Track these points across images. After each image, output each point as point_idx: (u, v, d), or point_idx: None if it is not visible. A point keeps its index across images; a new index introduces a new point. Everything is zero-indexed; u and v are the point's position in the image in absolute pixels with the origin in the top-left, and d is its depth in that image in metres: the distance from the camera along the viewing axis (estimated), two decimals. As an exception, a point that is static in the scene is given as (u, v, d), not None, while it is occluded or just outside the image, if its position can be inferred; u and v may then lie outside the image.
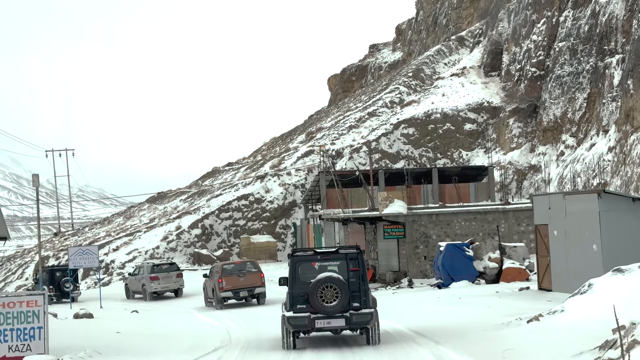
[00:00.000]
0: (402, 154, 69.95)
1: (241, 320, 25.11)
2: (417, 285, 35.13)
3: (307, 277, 16.01)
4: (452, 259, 31.17)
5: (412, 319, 20.96)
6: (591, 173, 53.13)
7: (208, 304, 32.31)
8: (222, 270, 30.79)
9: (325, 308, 15.57)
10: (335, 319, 15.68)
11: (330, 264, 16.27)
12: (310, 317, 15.68)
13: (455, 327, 17.88)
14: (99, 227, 77.91)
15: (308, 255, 16.36)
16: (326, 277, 15.65)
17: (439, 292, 29.18)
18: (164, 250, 59.54)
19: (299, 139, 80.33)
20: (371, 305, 16.05)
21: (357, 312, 15.75)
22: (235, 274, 30.74)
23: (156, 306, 35.73)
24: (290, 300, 15.95)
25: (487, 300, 24.44)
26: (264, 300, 31.19)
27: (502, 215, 36.91)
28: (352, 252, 16.29)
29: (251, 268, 31.46)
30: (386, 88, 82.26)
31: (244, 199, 64.56)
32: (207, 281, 32.55)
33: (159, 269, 39.55)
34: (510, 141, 65.23)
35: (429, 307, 23.73)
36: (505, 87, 71.86)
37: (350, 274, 15.97)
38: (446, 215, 36.60)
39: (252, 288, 30.69)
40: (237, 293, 30.55)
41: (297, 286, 16.01)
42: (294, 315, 15.79)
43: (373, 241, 39.90)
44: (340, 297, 15.54)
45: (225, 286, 30.22)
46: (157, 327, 23.48)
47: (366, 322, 15.79)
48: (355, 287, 15.94)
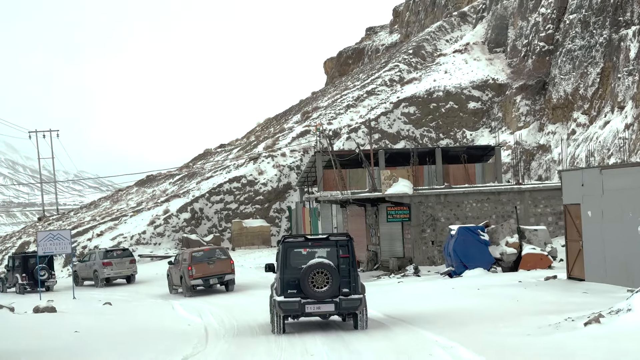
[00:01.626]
0: (403, 134, 66.39)
1: (224, 315, 21.77)
2: (424, 273, 31.72)
3: (298, 263, 16.31)
4: (465, 244, 27.72)
5: (429, 317, 17.48)
6: (606, 152, 49.67)
7: (173, 292, 31.94)
8: (192, 257, 30.08)
9: (316, 293, 15.92)
10: (325, 304, 16.05)
11: (320, 250, 16.56)
12: (301, 302, 16.02)
13: (489, 330, 14.39)
14: (85, 212, 74.33)
15: (299, 242, 16.68)
16: (317, 263, 15.97)
17: (452, 281, 25.74)
18: (151, 235, 56.03)
19: (294, 119, 76.63)
20: (360, 291, 16.35)
21: (346, 298, 16.09)
22: (205, 261, 30.30)
23: (133, 296, 32.43)
24: (282, 285, 16.23)
25: (511, 291, 21.02)
26: (232, 287, 30.81)
27: (517, 196, 33.45)
28: (342, 239, 16.57)
29: (220, 255, 31.07)
30: (385, 66, 78.49)
31: (236, 181, 60.98)
32: (172, 268, 31.95)
33: (112, 254, 39.46)
34: (518, 120, 61.69)
35: (446, 301, 20.25)
36: (511, 63, 68.20)
37: (340, 261, 16.27)
38: (456, 196, 33.12)
39: (222, 275, 30.38)
40: (207, 280, 30.12)
41: (288, 272, 16.30)
42: (285, 299, 16.08)
43: (374, 225, 36.45)
44: (331, 283, 15.91)
45: (195, 274, 29.70)
46: (125, 324, 20.02)
47: (355, 307, 16.12)
48: (345, 273, 16.27)
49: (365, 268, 36.57)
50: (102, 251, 40.13)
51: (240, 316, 21.34)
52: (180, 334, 17.57)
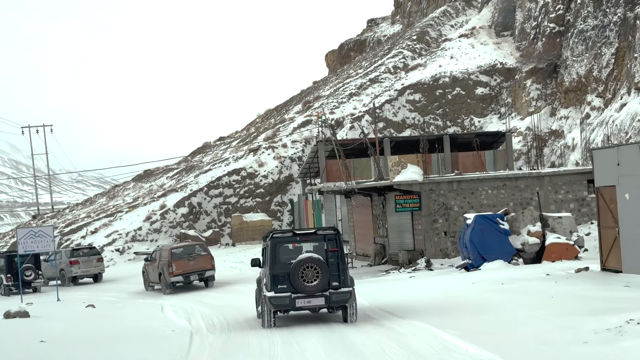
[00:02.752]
0: (408, 122, 63.81)
1: (214, 315, 19.34)
2: (437, 266, 29.21)
3: (287, 258, 16.37)
4: (482, 233, 25.18)
5: (453, 319, 14.97)
6: (624, 136, 47.05)
7: (149, 288, 31.67)
8: (172, 254, 29.49)
9: (306, 288, 15.98)
10: (315, 297, 16.09)
11: (309, 245, 16.61)
12: (291, 297, 16.06)
13: (536, 336, 11.81)
14: (81, 209, 71.90)
15: (287, 237, 16.67)
16: (307, 258, 16.03)
17: (470, 275, 23.21)
18: (147, 231, 53.56)
19: (295, 109, 74.06)
20: (349, 285, 16.36)
21: (336, 291, 16.15)
22: (185, 257, 29.74)
23: (122, 296, 30.03)
24: (271, 281, 16.20)
25: (541, 286, 18.52)
26: (212, 283, 30.38)
27: (536, 182, 30.90)
28: (330, 233, 16.63)
29: (201, 251, 30.52)
30: (389, 53, 75.83)
31: (235, 174, 58.45)
32: (149, 265, 31.53)
33: (79, 253, 38.97)
34: (528, 105, 59.08)
35: (468, 298, 17.73)
36: (519, 46, 65.56)
37: (329, 254, 16.35)
38: (470, 183, 30.58)
39: (202, 271, 29.91)
40: (187, 277, 29.66)
41: (278, 267, 16.27)
42: (276, 295, 16.10)
43: (382, 216, 33.95)
44: (321, 277, 15.97)
45: (175, 270, 29.17)
46: (101, 330, 17.54)
47: (345, 300, 16.19)
48: (334, 267, 16.31)
49: (372, 262, 34.09)
50: (68, 250, 39.72)
51: (233, 318, 18.92)
52: (162, 340, 15.11)
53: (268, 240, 16.65)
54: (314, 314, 17.59)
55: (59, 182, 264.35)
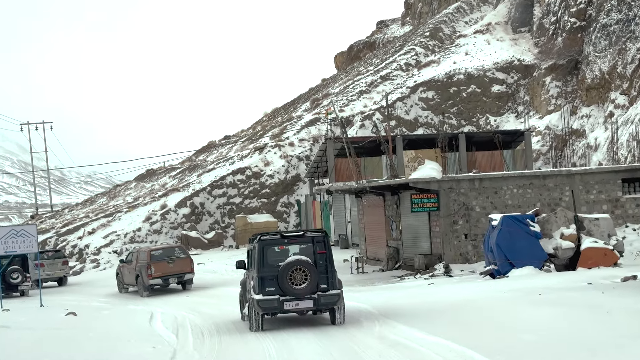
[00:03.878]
0: (421, 121, 61.13)
1: (206, 327, 16.75)
2: (457, 272, 26.57)
3: (275, 261, 16.17)
4: (511, 236, 22.53)
5: (498, 343, 12.28)
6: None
7: (123, 291, 31.45)
8: (151, 256, 29.09)
9: (294, 290, 15.83)
10: (304, 300, 15.92)
11: (297, 247, 16.42)
12: (280, 300, 15.87)
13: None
14: (80, 209, 69.39)
15: (275, 239, 16.46)
16: (296, 260, 15.89)
17: (497, 283, 20.54)
18: (147, 232, 50.98)
19: (303, 107, 71.43)
20: (338, 287, 16.26)
21: (324, 294, 16.01)
22: (165, 260, 29.32)
23: (114, 302, 27.50)
24: (259, 283, 16.01)
25: (586, 298, 15.85)
26: (190, 286, 30.00)
27: (565, 181, 28.21)
28: (319, 235, 16.49)
29: (180, 254, 30.18)
30: (400, 49, 73.14)
31: (239, 173, 55.84)
32: (124, 267, 31.15)
33: (43, 256, 37.95)
34: (547, 103, 56.32)
35: (506, 312, 15.02)
36: (538, 43, 62.81)
37: (317, 257, 16.22)
38: (493, 181, 27.91)
39: (181, 274, 29.52)
40: (166, 280, 29.20)
41: (266, 269, 16.10)
42: (264, 298, 15.90)
43: (395, 216, 31.29)
44: (310, 280, 15.84)
45: (154, 273, 28.72)
46: (70, 346, 14.95)
47: (333, 302, 16.05)
48: (323, 269, 16.18)
49: (384, 267, 31.44)
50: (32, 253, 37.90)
51: (226, 329, 16.35)
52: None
53: (255, 242, 16.41)
54: (301, 316, 17.33)
55: (67, 184, 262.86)
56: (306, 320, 17.22)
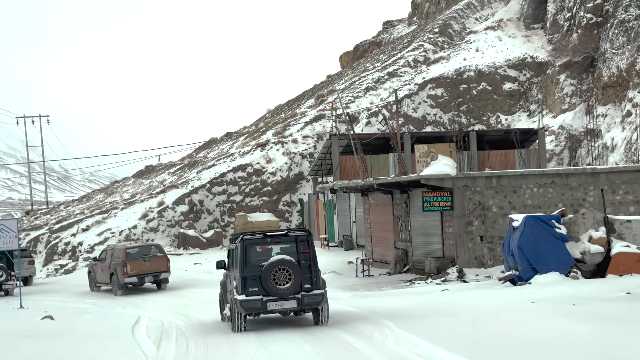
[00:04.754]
0: (429, 119, 59.02)
1: (192, 337, 14.71)
2: (471, 277, 24.45)
3: (258, 260, 15.90)
4: (534, 239, 20.39)
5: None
6: (673, 135, 42.22)
7: (95, 289, 31.25)
8: (126, 254, 28.94)
9: (278, 290, 15.57)
10: (287, 300, 15.68)
11: (280, 247, 16.21)
12: (263, 300, 15.60)
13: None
14: (76, 205, 67.34)
15: (258, 239, 16.21)
16: (279, 260, 15.64)
17: (520, 290, 18.41)
18: (143, 230, 48.91)
19: (307, 104, 69.30)
20: (321, 286, 16.06)
21: (308, 294, 15.79)
22: (141, 258, 29.15)
23: (101, 303, 25.48)
24: (242, 284, 15.72)
25: (629, 310, 13.72)
26: (165, 286, 29.84)
27: (590, 180, 26.08)
28: (302, 234, 16.32)
29: (156, 252, 29.98)
30: (409, 45, 70.97)
31: (240, 170, 53.74)
32: (97, 265, 31.07)
33: None
34: (561, 102, 54.16)
35: (541, 328, 12.86)
36: (551, 39, 60.66)
37: (300, 256, 16.02)
38: (512, 179, 25.78)
39: (157, 273, 29.38)
40: (141, 278, 29.03)
41: (249, 269, 15.84)
42: (247, 298, 15.63)
43: (404, 216, 29.17)
44: (293, 279, 15.59)
45: (130, 271, 28.56)
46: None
47: (317, 302, 15.88)
48: (306, 269, 15.95)
49: (392, 270, 29.32)
50: None
51: (214, 342, 14.28)
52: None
53: (238, 242, 16.11)
54: (284, 317, 17.10)
55: (70, 182, 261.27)
56: (290, 320, 16.88)
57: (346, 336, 14.12)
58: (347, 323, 15.82)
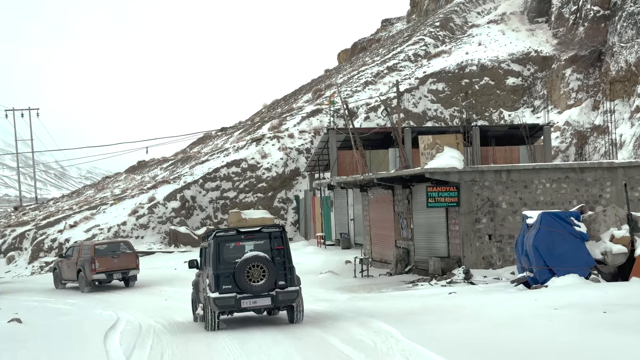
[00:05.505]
0: (430, 115, 57.18)
1: (170, 344, 12.89)
2: (479, 278, 22.65)
3: (232, 257, 15.69)
4: (551, 237, 18.57)
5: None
6: (685, 131, 40.46)
7: (60, 287, 30.94)
8: (95, 250, 28.76)
9: (252, 287, 15.36)
10: (261, 298, 15.46)
11: (254, 243, 15.94)
12: (237, 297, 15.37)
13: None
14: (66, 201, 65.43)
15: (231, 235, 16.01)
16: (253, 256, 15.43)
17: (539, 295, 16.59)
18: (132, 227, 47.02)
19: (304, 98, 67.41)
20: (296, 283, 15.83)
21: (283, 291, 15.56)
22: (109, 254, 28.92)
23: (82, 304, 23.67)
24: (215, 281, 15.46)
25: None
26: (133, 283, 29.64)
27: (607, 175, 24.29)
28: (276, 231, 16.11)
29: (125, 249, 29.88)
30: (409, 39, 69.11)
31: (235, 165, 51.84)
32: (63, 262, 30.68)
33: None
34: (567, 97, 52.36)
35: (574, 342, 11.03)
36: (557, 33, 58.84)
37: (274, 253, 15.80)
38: (523, 173, 23.97)
39: (126, 270, 29.17)
40: (110, 275, 28.82)
41: (222, 266, 15.56)
42: (220, 296, 15.36)
43: (406, 213, 27.35)
44: (267, 276, 15.39)
45: (98, 268, 28.30)
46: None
47: (292, 299, 15.65)
48: (280, 266, 15.74)
49: (392, 270, 27.51)
50: None
51: (194, 351, 12.46)
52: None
53: (210, 239, 15.96)
54: (258, 315, 16.91)
55: (68, 179, 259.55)
56: (270, 322, 16.56)
57: (344, 347, 12.32)
58: (346, 330, 14.04)
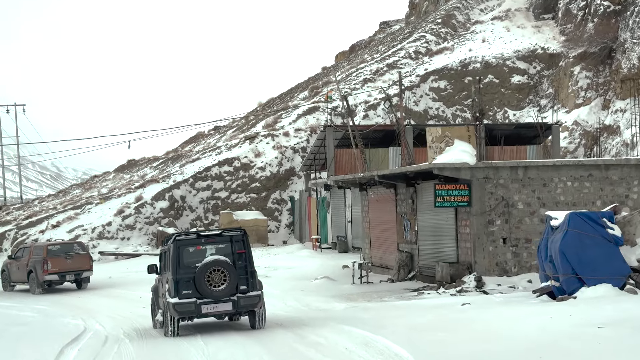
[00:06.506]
0: (431, 113, 54.86)
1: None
2: (492, 287, 20.27)
3: (192, 262, 15.37)
4: (581, 241, 16.19)
5: None
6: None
7: (9, 289, 30.28)
8: (47, 251, 28.39)
9: (213, 292, 15.12)
10: (222, 303, 15.21)
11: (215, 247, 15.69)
12: (197, 303, 15.09)
13: None
14: (51, 200, 62.98)
15: (191, 239, 15.72)
16: (214, 260, 15.20)
17: (570, 308, 14.18)
18: (118, 227, 44.57)
19: (300, 96, 65.05)
20: (258, 288, 15.64)
21: (244, 295, 15.34)
22: (62, 255, 28.48)
23: (44, 312, 21.25)
24: (175, 286, 15.12)
25: None
26: (86, 285, 29.18)
27: (634, 173, 21.93)
28: (237, 234, 15.90)
29: (79, 250, 29.49)
30: (409, 36, 66.82)
31: (227, 164, 49.42)
32: (12, 264, 30.04)
33: None
34: (576, 95, 50.05)
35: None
36: (564, 30, 56.55)
37: (236, 257, 15.58)
38: (541, 170, 21.59)
39: (79, 272, 28.74)
40: (63, 276, 28.42)
41: (182, 271, 15.26)
42: (180, 301, 15.04)
43: (410, 214, 24.95)
44: (229, 281, 15.19)
45: (50, 268, 27.94)
46: None
47: (254, 304, 15.45)
48: (242, 270, 15.53)
49: (395, 276, 25.11)
50: None
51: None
52: None
53: (170, 242, 15.61)
54: (219, 320, 16.63)
55: (63, 180, 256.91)
56: None
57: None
58: (344, 350, 11.62)
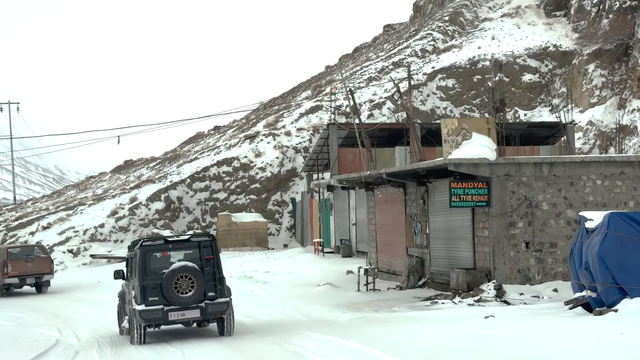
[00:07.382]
0: (439, 113, 52.77)
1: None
2: (514, 296, 18.19)
3: (159, 268, 15.13)
4: (623, 246, 14.12)
5: None
6: None
7: None
8: (7, 253, 28.40)
9: (180, 299, 14.85)
10: (190, 310, 14.96)
11: (182, 253, 15.54)
12: (164, 310, 14.82)
13: None
14: (45, 201, 60.99)
15: (158, 245, 15.53)
16: (181, 267, 14.93)
17: (616, 324, 12.11)
18: (111, 229, 42.50)
19: (303, 95, 63.00)
20: (226, 294, 15.43)
21: (212, 302, 15.11)
22: (23, 258, 28.44)
23: (19, 320, 19.33)
24: (142, 293, 14.85)
25: None
26: (46, 289, 29.06)
27: (670, 171, 19.82)
28: (205, 240, 15.67)
29: (40, 253, 29.50)
30: (416, 34, 64.77)
31: (226, 164, 47.36)
32: None
33: None
34: (590, 95, 47.93)
35: None
36: (577, 27, 54.48)
37: (204, 263, 15.33)
38: (568, 167, 19.51)
39: (40, 275, 28.72)
40: (23, 279, 28.35)
41: (149, 277, 15.02)
42: (146, 308, 14.77)
43: (421, 215, 22.86)
44: (196, 287, 14.93)
45: (11, 271, 27.96)
46: None
47: (222, 311, 15.24)
48: (210, 276, 15.29)
49: (404, 284, 23.03)
50: None
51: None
52: None
53: (136, 248, 15.29)
54: (186, 327, 16.36)
55: (66, 183, 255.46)
56: None
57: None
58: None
